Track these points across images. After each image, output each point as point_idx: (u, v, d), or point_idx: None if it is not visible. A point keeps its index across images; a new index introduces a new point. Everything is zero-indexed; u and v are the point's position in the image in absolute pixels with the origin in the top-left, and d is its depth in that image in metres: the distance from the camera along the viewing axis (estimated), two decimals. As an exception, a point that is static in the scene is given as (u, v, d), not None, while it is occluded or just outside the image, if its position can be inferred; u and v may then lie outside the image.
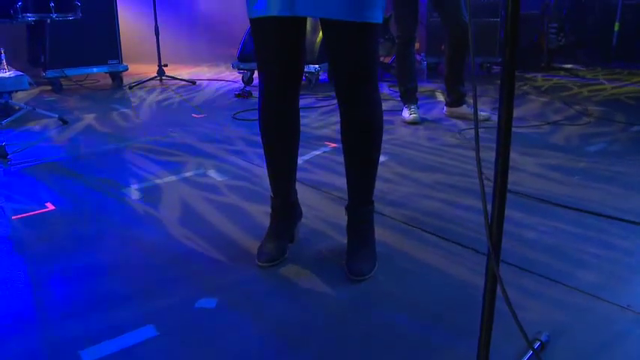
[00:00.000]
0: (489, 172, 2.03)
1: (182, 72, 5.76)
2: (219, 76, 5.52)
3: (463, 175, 2.37)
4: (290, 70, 1.48)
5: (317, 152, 2.75)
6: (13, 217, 1.99)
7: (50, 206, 2.08)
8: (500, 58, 3.93)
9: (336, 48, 1.41)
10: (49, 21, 3.17)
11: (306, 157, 2.64)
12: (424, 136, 3.07)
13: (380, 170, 1.63)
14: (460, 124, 3.34)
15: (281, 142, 1.58)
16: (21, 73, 3.88)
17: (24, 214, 2.01)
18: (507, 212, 1.90)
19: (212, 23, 6.44)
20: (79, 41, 4.57)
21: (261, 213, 1.95)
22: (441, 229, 1.83)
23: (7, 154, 2.74)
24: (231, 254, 1.69)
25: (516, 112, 3.58)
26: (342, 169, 1.61)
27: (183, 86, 4.90)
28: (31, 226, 1.92)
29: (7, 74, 3.81)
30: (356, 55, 1.40)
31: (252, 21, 1.44)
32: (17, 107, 3.41)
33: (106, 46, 4.79)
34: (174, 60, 6.07)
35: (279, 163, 1.62)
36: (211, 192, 2.22)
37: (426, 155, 2.68)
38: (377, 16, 1.36)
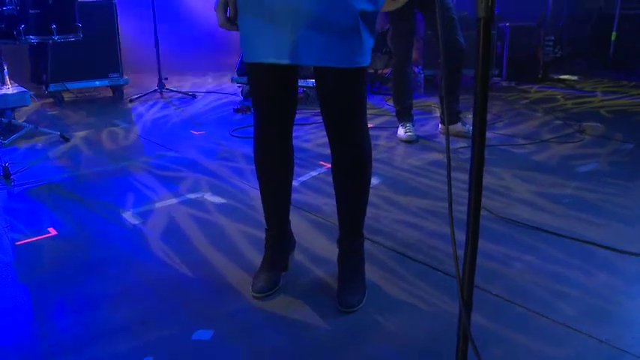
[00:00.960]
0: (493, 205, 2.09)
1: (185, 83, 5.83)
2: (221, 87, 5.58)
3: (453, 202, 2.42)
4: (284, 110, 1.55)
5: (313, 173, 2.82)
6: (17, 243, 2.05)
7: (53, 231, 2.15)
8: (497, 70, 4.03)
9: (328, 92, 1.47)
10: (50, 42, 3.23)
11: (301, 179, 2.70)
12: (418, 155, 3.14)
13: (371, 195, 1.69)
14: (455, 141, 3.40)
15: (275, 178, 1.65)
16: (23, 90, 3.96)
17: (27, 240, 2.07)
18: (495, 240, 1.98)
19: (214, 32, 6.50)
20: (81, 55, 4.64)
21: (258, 239, 2.01)
22: (429, 259, 1.89)
23: (11, 175, 2.80)
24: (227, 283, 1.75)
25: (509, 129, 3.65)
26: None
27: (183, 99, 4.97)
28: (34, 252, 1.98)
29: (9, 90, 3.88)
30: (348, 98, 1.47)
31: (247, 64, 1.51)
32: (20, 125, 3.47)
33: (107, 59, 4.85)
34: (178, 69, 6.14)
35: (273, 197, 1.68)
36: (209, 216, 2.28)
37: (418, 178, 2.74)
38: (366, 60, 1.43)
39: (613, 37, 6.72)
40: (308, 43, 1.36)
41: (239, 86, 4.97)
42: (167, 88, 5.15)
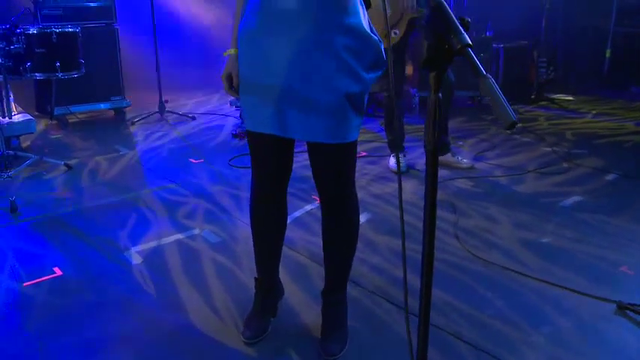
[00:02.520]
0: (474, 244, 2.17)
1: (185, 101, 5.96)
2: (220, 107, 5.70)
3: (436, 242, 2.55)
4: (279, 175, 1.69)
5: (308, 207, 2.94)
6: (24, 285, 2.18)
7: (58, 271, 2.28)
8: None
9: (320, 165, 1.61)
10: (54, 79, 3.38)
11: (295, 214, 2.83)
12: (406, 188, 3.26)
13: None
14: (444, 172, 3.52)
15: (267, 236, 1.78)
16: (29, 117, 4.11)
17: (35, 281, 2.20)
18: (470, 283, 2.09)
19: (214, 53, 6.63)
20: (84, 79, 4.76)
21: (251, 280, 2.14)
22: (410, 301, 2.02)
23: (17, 208, 2.93)
24: (220, 328, 1.88)
25: (498, 160, 3.75)
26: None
27: (183, 121, 5.10)
28: (41, 294, 2.11)
29: (15, 117, 4.03)
30: (338, 172, 1.60)
31: (247, 131, 1.63)
32: (26, 156, 3.60)
33: (109, 83, 5.00)
34: (178, 88, 6.26)
35: (265, 250, 1.81)
36: (205, 256, 2.41)
37: (404, 215, 2.85)
38: (354, 136, 1.55)
39: (607, 54, 6.85)
40: (297, 120, 1.49)
41: (237, 108, 5.10)
42: (167, 110, 5.29)
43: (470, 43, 0.73)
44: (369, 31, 1.49)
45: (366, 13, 1.53)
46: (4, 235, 2.64)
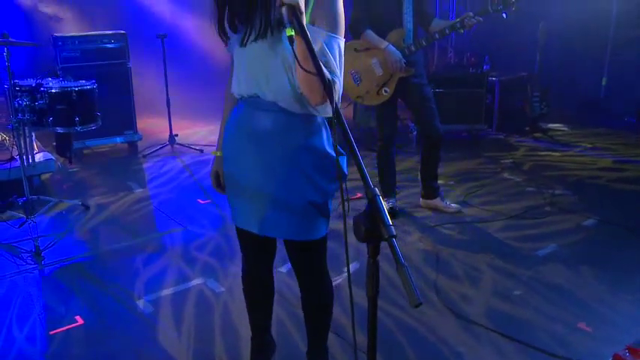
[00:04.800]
0: (450, 297, 2.36)
1: (195, 130, 6.25)
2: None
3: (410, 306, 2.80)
4: (263, 260, 1.97)
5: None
6: (50, 333, 2.48)
7: (80, 320, 2.58)
8: (485, 125, 4.54)
9: (294, 258, 1.86)
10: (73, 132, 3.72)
11: (283, 270, 3.04)
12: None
13: (341, 296, 2.06)
14: (433, 217, 3.79)
15: (258, 304, 2.07)
16: (49, 157, 4.43)
17: (59, 330, 2.50)
18: (442, 334, 2.34)
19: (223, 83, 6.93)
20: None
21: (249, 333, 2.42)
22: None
23: (41, 252, 3.24)
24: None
25: (484, 197, 3.99)
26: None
27: (192, 154, 5.41)
28: (64, 342, 2.41)
29: (37, 156, 4.35)
30: (310, 261, 1.86)
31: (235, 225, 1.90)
32: (46, 200, 3.91)
33: (122, 118, 5.32)
34: (188, 118, 6.55)
35: (257, 315, 2.10)
36: (209, 306, 2.70)
37: (388, 269, 2.98)
38: (322, 232, 1.77)
39: (603, 83, 7.07)
40: (272, 219, 1.73)
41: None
42: (177, 143, 5.61)
43: (394, 234, 1.01)
44: (328, 149, 1.70)
45: (328, 132, 1.73)
46: (31, 282, 2.95)
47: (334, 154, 1.66)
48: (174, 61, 5.92)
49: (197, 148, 5.56)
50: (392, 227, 1.02)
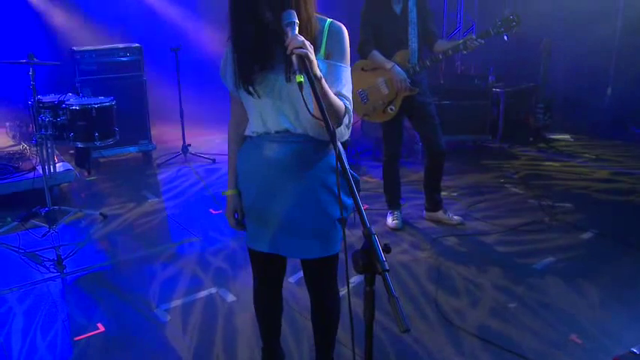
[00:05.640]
0: (448, 309, 2.51)
1: (208, 138, 6.44)
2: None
3: (411, 314, 2.91)
4: (273, 279, 2.12)
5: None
6: (75, 339, 2.66)
7: (101, 327, 2.76)
8: (490, 136, 4.74)
9: (310, 274, 2.03)
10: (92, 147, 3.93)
11: (292, 280, 3.22)
12: (400, 248, 3.67)
13: (345, 308, 2.20)
14: (436, 229, 3.94)
15: (267, 318, 2.23)
16: (69, 167, 4.64)
17: (83, 336, 2.68)
18: (438, 343, 2.49)
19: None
20: (116, 125, 5.32)
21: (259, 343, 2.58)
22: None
23: (63, 261, 3.43)
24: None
25: (485, 211, 4.13)
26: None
27: (204, 164, 5.60)
28: (87, 348, 2.59)
29: (57, 166, 4.56)
30: (327, 277, 2.02)
31: (248, 247, 2.07)
32: (66, 210, 4.11)
33: (138, 129, 5.52)
34: (201, 126, 6.72)
35: (267, 328, 2.26)
36: (222, 315, 2.87)
37: (394, 278, 3.25)
38: (337, 248, 1.94)
39: (608, 92, 7.16)
40: (290, 242, 1.90)
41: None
42: (190, 152, 5.81)
43: (387, 268, 1.17)
44: (347, 166, 1.87)
45: (344, 151, 1.90)
46: (55, 290, 3.14)
47: (351, 172, 1.80)
48: (188, 72, 6.11)
49: (209, 157, 5.75)
50: (385, 263, 1.18)
